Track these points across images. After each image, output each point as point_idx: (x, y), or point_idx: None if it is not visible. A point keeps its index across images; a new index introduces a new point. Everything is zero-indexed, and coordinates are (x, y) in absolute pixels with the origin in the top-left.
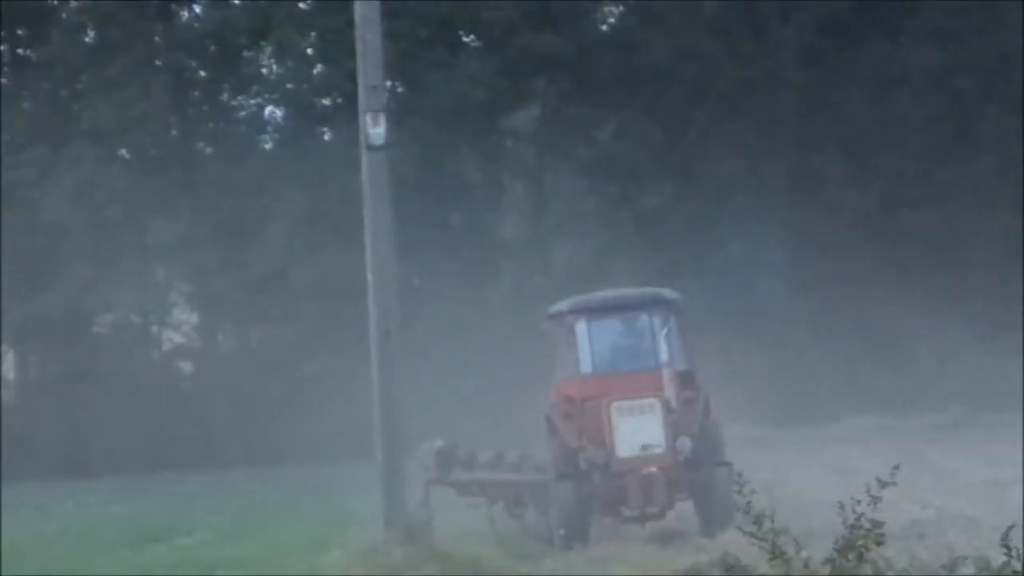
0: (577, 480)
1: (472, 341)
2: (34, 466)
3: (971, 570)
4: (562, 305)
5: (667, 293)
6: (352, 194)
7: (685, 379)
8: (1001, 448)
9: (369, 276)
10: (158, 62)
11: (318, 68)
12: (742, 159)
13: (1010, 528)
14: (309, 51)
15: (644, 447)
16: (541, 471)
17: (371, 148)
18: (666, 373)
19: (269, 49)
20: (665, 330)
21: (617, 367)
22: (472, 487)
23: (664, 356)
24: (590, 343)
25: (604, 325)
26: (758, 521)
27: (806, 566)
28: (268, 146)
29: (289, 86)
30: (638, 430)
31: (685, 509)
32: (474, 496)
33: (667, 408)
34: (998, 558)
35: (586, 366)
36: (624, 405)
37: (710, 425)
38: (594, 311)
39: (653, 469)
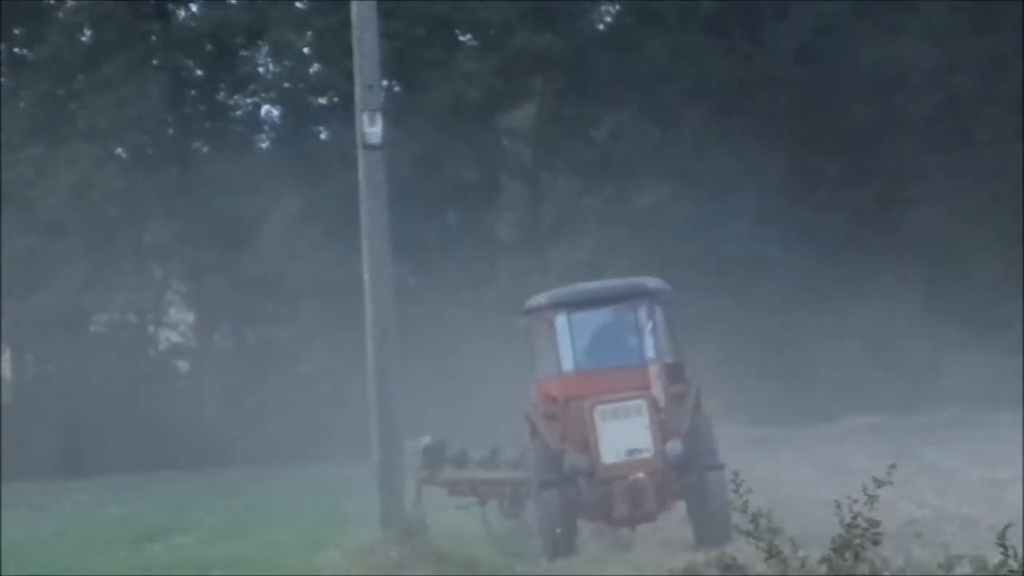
0: (561, 488)
1: (468, 340)
2: (31, 465)
3: (968, 569)
4: (540, 299)
5: (651, 282)
6: (348, 193)
7: (674, 372)
8: (998, 447)
9: (365, 275)
10: (155, 61)
11: (315, 67)
12: (739, 158)
13: (1007, 527)
14: (306, 50)
15: (631, 452)
16: None
17: (367, 147)
18: (652, 369)
19: (266, 48)
20: (651, 323)
21: (600, 364)
22: (462, 486)
23: (651, 351)
24: (571, 338)
25: (585, 319)
26: (754, 521)
27: (803, 566)
28: (265, 145)
29: (286, 85)
30: (624, 434)
31: (682, 509)
32: (465, 496)
33: (654, 408)
34: (995, 557)
35: (567, 363)
36: (608, 408)
37: (701, 421)
38: (574, 304)
39: (640, 475)
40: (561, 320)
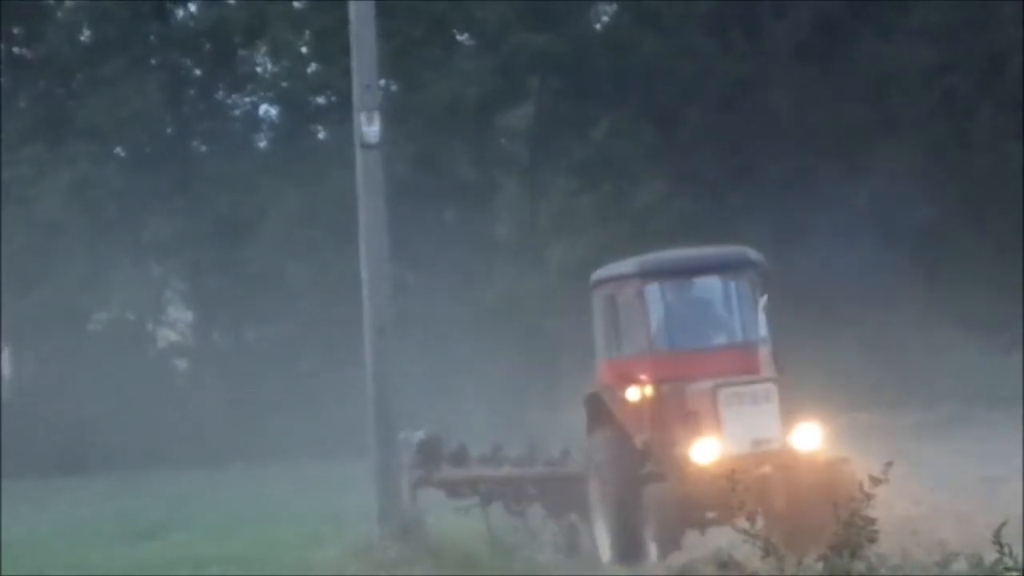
0: (668, 483)
1: (466, 339)
2: (30, 463)
3: (964, 567)
4: (624, 266)
5: (752, 253)
6: (346, 192)
7: (774, 356)
8: (994, 445)
9: (363, 274)
10: (153, 61)
11: (313, 67)
12: (736, 157)
13: (1003, 525)
14: (304, 50)
15: (755, 442)
16: (554, 465)
17: (365, 146)
18: (764, 350)
19: (264, 48)
20: (761, 297)
21: (701, 342)
22: (463, 487)
23: (762, 329)
24: (665, 312)
25: (683, 290)
26: (751, 518)
27: (799, 563)
28: (263, 144)
29: (284, 84)
30: (750, 422)
31: None
32: (465, 497)
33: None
34: (991, 555)
35: (661, 340)
36: (732, 392)
37: (796, 410)
38: (669, 273)
39: (767, 469)
40: (652, 290)
